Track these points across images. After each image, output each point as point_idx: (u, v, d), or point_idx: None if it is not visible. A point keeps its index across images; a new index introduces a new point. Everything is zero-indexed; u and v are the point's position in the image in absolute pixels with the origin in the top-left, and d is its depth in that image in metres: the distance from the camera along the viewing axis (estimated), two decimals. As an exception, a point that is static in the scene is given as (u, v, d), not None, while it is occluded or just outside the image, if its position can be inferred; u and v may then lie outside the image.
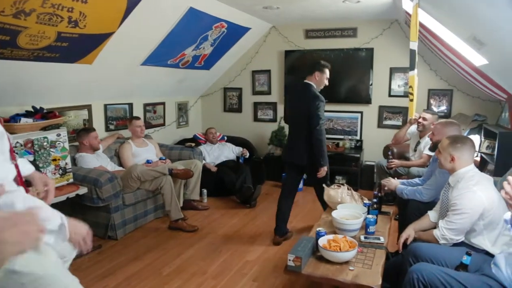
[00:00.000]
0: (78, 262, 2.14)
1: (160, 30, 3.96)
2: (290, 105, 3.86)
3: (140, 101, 5.11)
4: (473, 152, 2.37)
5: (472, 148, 2.35)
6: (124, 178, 3.65)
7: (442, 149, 2.42)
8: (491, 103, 4.72)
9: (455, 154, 2.31)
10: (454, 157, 2.31)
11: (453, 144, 2.34)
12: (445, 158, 2.36)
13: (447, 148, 2.35)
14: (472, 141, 2.41)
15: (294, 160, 3.51)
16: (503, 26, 2.23)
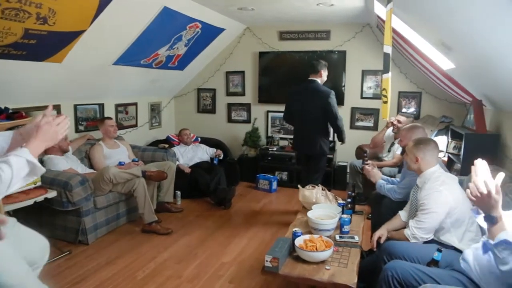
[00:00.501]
0: (47, 269, 2.05)
1: (133, 29, 3.89)
2: (300, 103, 4.05)
3: (112, 102, 4.99)
4: (436, 152, 2.47)
5: (434, 149, 2.46)
6: (96, 180, 3.55)
7: (407, 151, 2.54)
8: (457, 105, 4.92)
9: (418, 155, 2.42)
10: (418, 158, 2.42)
11: (416, 146, 2.46)
12: (411, 159, 2.48)
13: (412, 150, 2.48)
14: (435, 142, 2.52)
15: (308, 152, 4.10)
16: (469, 32, 2.32)
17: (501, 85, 2.88)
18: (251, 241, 3.65)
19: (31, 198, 3.00)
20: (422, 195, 2.34)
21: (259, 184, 5.40)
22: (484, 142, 3.42)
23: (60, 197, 3.25)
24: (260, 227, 4.01)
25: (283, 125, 5.97)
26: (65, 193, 3.24)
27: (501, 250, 1.54)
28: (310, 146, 4.02)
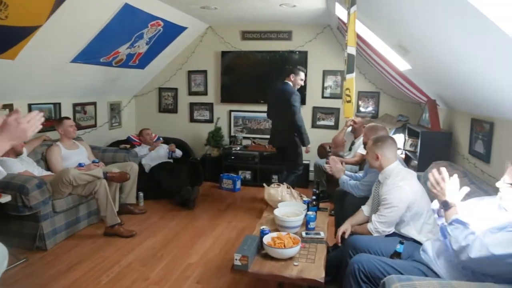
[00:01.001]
0: (2, 278, 1.94)
1: (92, 25, 3.75)
2: (273, 102, 4.61)
3: (69, 101, 4.78)
4: (394, 149, 2.60)
5: (392, 146, 2.59)
6: (54, 183, 3.39)
7: (368, 150, 2.68)
8: (413, 105, 5.17)
9: (378, 152, 2.55)
10: (378, 155, 2.55)
11: (375, 144, 2.59)
12: (372, 157, 2.61)
13: (371, 148, 2.60)
14: (393, 139, 2.66)
15: (278, 145, 4.62)
16: (426, 35, 2.45)
17: (453, 86, 3.07)
18: (217, 241, 3.65)
19: (-17, 203, 2.82)
20: (384, 190, 2.45)
21: (222, 183, 5.40)
22: (438, 139, 3.63)
23: (15, 202, 3.07)
24: (225, 226, 4.01)
25: (245, 125, 6.00)
26: (20, 197, 3.06)
27: (453, 229, 1.71)
28: (278, 139, 4.54)
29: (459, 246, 1.66)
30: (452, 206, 1.80)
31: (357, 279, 1.94)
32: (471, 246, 1.62)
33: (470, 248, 1.62)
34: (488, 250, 1.57)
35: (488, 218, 1.79)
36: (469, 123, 3.25)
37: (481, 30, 1.72)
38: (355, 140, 4.39)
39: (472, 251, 1.61)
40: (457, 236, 1.69)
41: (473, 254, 1.61)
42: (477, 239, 1.63)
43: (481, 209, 1.90)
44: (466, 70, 2.42)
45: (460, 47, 2.18)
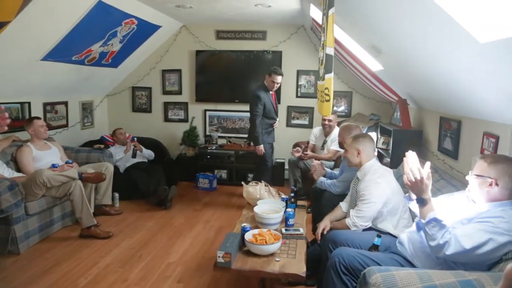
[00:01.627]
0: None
1: (65, 22, 3.66)
2: None
3: (40, 100, 4.63)
4: (373, 145, 2.71)
5: (371, 142, 2.70)
6: (27, 185, 3.28)
7: (347, 147, 2.75)
8: (384, 104, 5.34)
9: (359, 147, 2.64)
10: (360, 150, 2.63)
11: (356, 140, 2.68)
12: (352, 153, 2.68)
13: (352, 144, 2.69)
14: (371, 137, 2.77)
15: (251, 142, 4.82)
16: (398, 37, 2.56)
17: (423, 86, 3.21)
18: (196, 240, 3.65)
19: (-49, 207, 2.71)
20: (362, 186, 2.53)
21: (199, 183, 5.39)
22: (409, 137, 3.77)
23: (-15, 205, 2.96)
24: (203, 226, 4.02)
25: (221, 124, 6.01)
26: (-9, 199, 2.96)
27: (431, 228, 1.78)
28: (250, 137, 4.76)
29: (436, 244, 1.74)
30: (427, 202, 1.86)
31: (338, 271, 2.01)
32: (448, 243, 1.71)
33: (447, 246, 1.71)
34: (461, 244, 1.67)
35: (459, 211, 1.91)
36: (438, 121, 3.41)
37: (448, 33, 1.82)
38: (326, 138, 4.50)
39: (448, 248, 1.70)
40: (435, 234, 1.76)
41: (449, 251, 1.70)
42: (453, 238, 1.71)
43: (452, 204, 2.01)
44: (435, 71, 2.55)
45: (429, 49, 2.29)
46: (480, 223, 1.73)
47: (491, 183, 1.74)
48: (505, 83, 1.86)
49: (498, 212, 1.72)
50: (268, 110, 4.51)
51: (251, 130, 4.53)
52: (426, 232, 1.81)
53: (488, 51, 1.67)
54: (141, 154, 5.03)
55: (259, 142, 4.45)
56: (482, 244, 1.66)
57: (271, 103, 4.55)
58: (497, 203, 1.77)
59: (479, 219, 1.76)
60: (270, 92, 4.53)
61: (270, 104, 4.52)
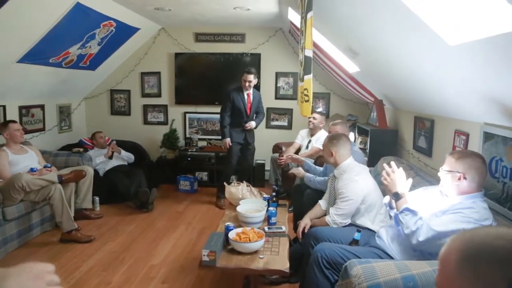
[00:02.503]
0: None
1: (42, 24, 3.61)
2: None
3: (15, 103, 4.53)
4: (348, 146, 2.79)
5: (346, 143, 2.77)
6: (5, 189, 3.22)
7: (323, 147, 2.85)
8: (361, 105, 5.49)
9: (332, 149, 2.73)
10: (332, 152, 2.73)
11: (330, 142, 2.77)
12: (327, 153, 2.79)
13: (327, 145, 2.78)
14: (346, 137, 2.86)
15: None
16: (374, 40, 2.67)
17: (398, 87, 3.34)
18: (178, 241, 3.66)
19: None
20: (340, 185, 2.62)
21: (180, 185, 5.39)
22: (386, 136, 3.91)
23: (-38, 210, 2.90)
24: (185, 227, 4.03)
25: (201, 126, 6.03)
26: (-32, 205, 2.89)
27: (404, 216, 1.93)
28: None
29: (410, 231, 1.88)
30: (402, 196, 2.01)
31: (320, 266, 2.08)
32: (419, 229, 1.84)
33: (419, 232, 1.84)
34: (433, 229, 1.80)
35: (433, 204, 2.02)
36: (412, 121, 3.55)
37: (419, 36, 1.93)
38: (312, 138, 4.59)
39: (420, 234, 1.83)
40: (408, 222, 1.90)
41: (421, 237, 1.83)
42: (424, 224, 1.85)
43: (426, 197, 2.13)
44: (408, 73, 2.67)
45: (402, 51, 2.41)
46: (453, 214, 1.85)
47: (460, 177, 1.85)
48: (474, 84, 1.98)
49: (469, 204, 1.84)
50: (238, 110, 4.60)
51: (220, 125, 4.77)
52: (400, 221, 1.94)
53: (457, 53, 1.78)
54: (120, 157, 4.99)
55: (224, 136, 4.65)
56: (452, 232, 1.76)
57: (243, 103, 4.61)
58: (468, 196, 1.88)
59: (452, 210, 1.87)
60: (246, 92, 4.60)
61: (240, 103, 4.59)
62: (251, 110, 4.72)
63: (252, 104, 4.71)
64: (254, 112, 4.78)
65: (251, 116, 4.74)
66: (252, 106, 4.71)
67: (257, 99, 4.76)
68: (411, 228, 1.87)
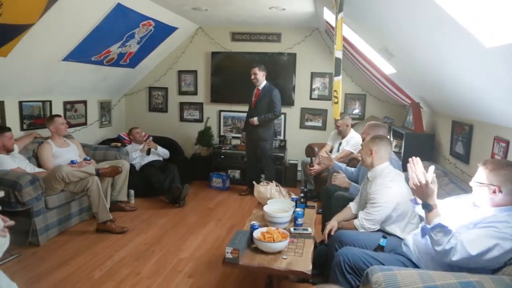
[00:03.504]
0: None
1: (84, 24, 3.80)
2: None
3: (60, 99, 4.80)
4: (389, 149, 2.70)
5: (388, 145, 2.68)
6: (47, 179, 3.43)
7: (363, 145, 2.75)
8: (397, 107, 5.33)
9: (373, 148, 2.63)
10: (373, 151, 2.63)
11: (372, 140, 2.67)
12: (366, 152, 2.68)
13: (368, 143, 2.68)
14: (389, 140, 2.76)
15: None
16: (410, 41, 2.59)
17: (435, 90, 3.22)
18: (207, 237, 3.73)
19: (-24, 199, 2.85)
20: (373, 189, 2.54)
21: (212, 182, 5.48)
22: (421, 141, 3.77)
23: (8, 198, 3.11)
24: (215, 224, 4.10)
25: (235, 124, 6.09)
26: (13, 193, 3.10)
27: (436, 233, 1.79)
28: None
29: (442, 249, 1.75)
30: (434, 207, 1.85)
31: (342, 270, 2.06)
32: (453, 249, 1.72)
33: (452, 251, 1.72)
34: (467, 251, 1.68)
35: (464, 214, 1.92)
36: (450, 125, 3.40)
37: (456, 38, 1.85)
38: (342, 140, 4.53)
39: (454, 254, 1.71)
40: (440, 240, 1.76)
41: (455, 257, 1.72)
42: (458, 243, 1.72)
43: (458, 207, 2.03)
44: (446, 76, 2.56)
45: (439, 53, 2.32)
46: (486, 228, 1.74)
47: (494, 190, 1.74)
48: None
49: (503, 217, 1.73)
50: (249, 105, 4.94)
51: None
52: (432, 237, 1.81)
53: (494, 55, 1.70)
54: (156, 153, 5.15)
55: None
56: (488, 250, 1.67)
57: (250, 97, 4.91)
58: (502, 208, 1.78)
59: (485, 224, 1.77)
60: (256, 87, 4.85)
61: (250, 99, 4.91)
62: (255, 105, 4.81)
63: (259, 99, 4.78)
64: (262, 108, 4.78)
65: (255, 111, 4.80)
66: (259, 101, 4.78)
67: (267, 95, 4.76)
68: (443, 246, 1.75)
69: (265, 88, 4.79)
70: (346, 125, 4.49)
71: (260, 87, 4.79)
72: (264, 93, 4.77)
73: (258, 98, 4.80)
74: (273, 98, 4.75)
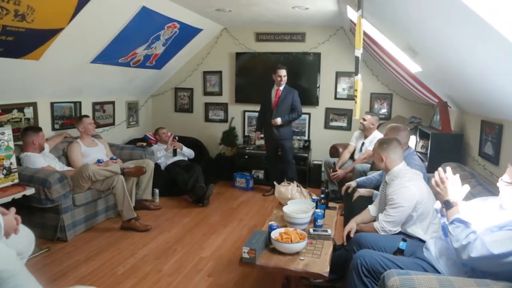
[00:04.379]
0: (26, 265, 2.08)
1: (111, 28, 3.91)
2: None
3: (89, 100, 4.97)
4: (399, 151, 2.62)
5: (397, 148, 2.61)
6: (75, 178, 3.56)
7: (374, 152, 2.71)
8: (425, 106, 5.18)
9: (383, 154, 2.59)
10: (383, 157, 2.58)
11: (380, 146, 2.63)
12: (377, 158, 2.65)
13: (376, 150, 2.64)
14: (397, 141, 2.67)
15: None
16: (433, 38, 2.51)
17: (463, 89, 3.10)
18: (229, 237, 3.76)
19: (9, 195, 2.99)
20: (391, 190, 2.50)
21: (236, 182, 5.51)
22: (449, 141, 3.65)
23: (39, 194, 3.25)
24: (237, 224, 4.12)
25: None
26: (43, 190, 3.25)
27: (454, 228, 1.76)
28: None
29: (460, 245, 1.70)
30: (454, 205, 1.84)
31: (359, 273, 2.02)
32: (471, 245, 1.66)
33: (470, 247, 1.66)
34: (488, 249, 1.62)
35: (490, 217, 1.84)
36: (479, 125, 3.27)
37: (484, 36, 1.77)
38: (365, 140, 4.44)
39: (472, 250, 1.65)
40: (458, 235, 1.73)
41: (473, 253, 1.65)
42: (478, 238, 1.67)
43: (484, 209, 1.95)
44: (473, 74, 2.47)
45: (466, 51, 2.23)
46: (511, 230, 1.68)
47: None
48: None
49: (532, 221, 1.66)
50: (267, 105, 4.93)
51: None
52: (450, 232, 1.77)
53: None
54: (181, 153, 5.23)
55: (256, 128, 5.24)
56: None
57: (270, 98, 4.90)
58: (530, 211, 1.71)
59: (510, 227, 1.70)
60: (276, 88, 4.88)
61: (269, 98, 4.91)
62: (277, 105, 4.84)
63: (280, 100, 4.83)
64: (284, 109, 4.84)
65: (277, 111, 4.82)
66: (280, 102, 4.83)
67: (289, 96, 4.83)
68: (461, 242, 1.69)
69: (286, 89, 4.84)
70: (372, 124, 4.40)
71: (281, 88, 4.83)
72: (286, 93, 4.82)
73: (279, 99, 4.81)
74: (296, 99, 4.84)
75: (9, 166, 3.16)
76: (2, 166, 3.11)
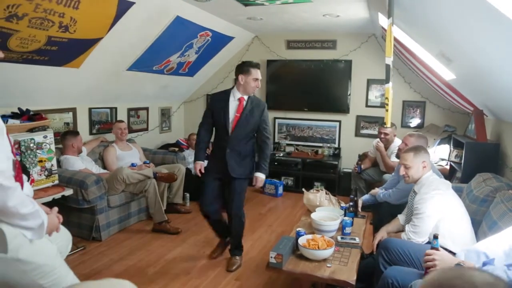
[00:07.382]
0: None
1: (146, 37, 4.07)
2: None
3: (124, 106, 5.17)
4: (429, 156, 2.60)
5: (427, 154, 2.59)
6: (110, 180, 3.72)
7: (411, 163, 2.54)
8: (460, 114, 5.03)
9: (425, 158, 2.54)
10: (426, 162, 2.53)
11: (418, 152, 2.56)
12: (418, 168, 2.53)
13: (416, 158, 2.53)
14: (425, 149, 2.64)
15: None
16: (467, 45, 2.45)
17: (500, 96, 3.00)
18: (257, 242, 3.78)
19: (49, 195, 3.16)
20: (417, 199, 2.45)
21: (265, 188, 5.54)
22: (484, 151, 3.51)
23: (76, 195, 3.42)
24: (265, 230, 4.14)
25: (289, 132, 6.11)
26: (81, 191, 3.41)
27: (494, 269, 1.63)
28: None
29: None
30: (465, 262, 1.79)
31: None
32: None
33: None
34: None
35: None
36: (517, 134, 3.15)
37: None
38: (387, 151, 4.40)
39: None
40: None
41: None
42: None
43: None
44: (511, 81, 2.39)
45: (501, 58, 2.17)
46: None
47: None
48: None
49: None
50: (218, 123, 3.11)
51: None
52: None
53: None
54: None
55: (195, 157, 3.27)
56: None
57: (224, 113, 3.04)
58: None
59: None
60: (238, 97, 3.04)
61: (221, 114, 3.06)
62: (237, 124, 3.02)
63: (244, 115, 3.03)
64: (248, 130, 3.08)
65: (235, 136, 3.05)
66: (243, 118, 3.03)
67: (257, 111, 3.07)
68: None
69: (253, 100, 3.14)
70: (394, 135, 4.38)
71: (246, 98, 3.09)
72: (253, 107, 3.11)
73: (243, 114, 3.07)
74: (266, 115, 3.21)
75: (50, 168, 3.33)
76: (44, 167, 3.30)
